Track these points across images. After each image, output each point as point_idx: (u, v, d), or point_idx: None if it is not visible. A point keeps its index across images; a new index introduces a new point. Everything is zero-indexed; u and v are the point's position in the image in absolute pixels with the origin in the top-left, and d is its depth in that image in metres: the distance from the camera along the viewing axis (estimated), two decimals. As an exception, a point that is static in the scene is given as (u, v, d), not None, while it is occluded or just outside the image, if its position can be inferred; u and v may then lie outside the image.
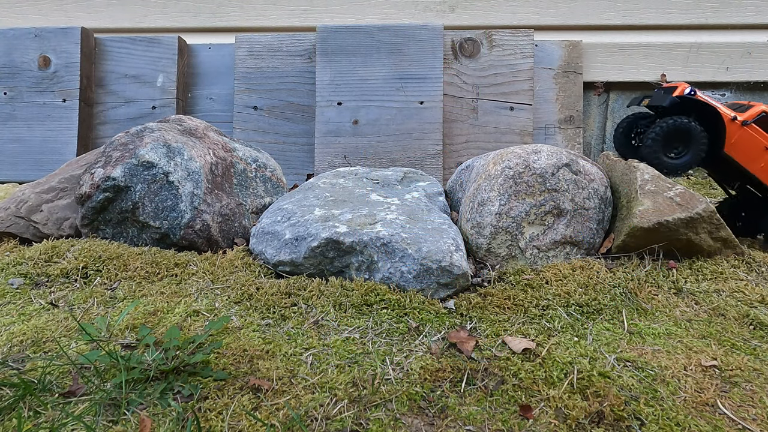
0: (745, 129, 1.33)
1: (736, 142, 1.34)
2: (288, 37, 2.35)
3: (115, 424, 0.77)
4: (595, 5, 2.40)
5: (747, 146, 1.34)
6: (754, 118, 1.33)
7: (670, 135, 1.34)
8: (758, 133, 1.33)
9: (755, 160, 1.34)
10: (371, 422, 0.80)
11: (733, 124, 1.33)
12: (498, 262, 1.33)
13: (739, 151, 1.35)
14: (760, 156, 1.34)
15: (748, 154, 1.34)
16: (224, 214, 1.48)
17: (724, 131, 1.33)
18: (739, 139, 1.34)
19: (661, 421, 0.80)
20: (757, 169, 1.35)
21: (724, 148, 1.34)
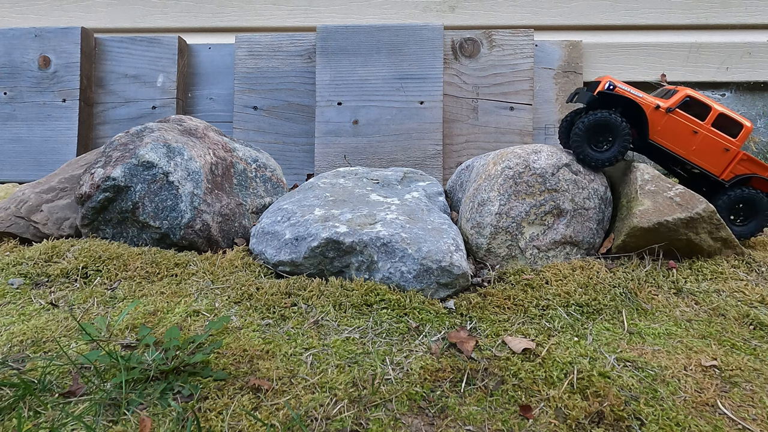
0: (671, 116, 1.35)
1: (662, 129, 1.36)
2: (288, 37, 2.35)
3: (115, 424, 0.77)
4: (595, 5, 2.40)
5: (674, 132, 1.36)
6: (677, 104, 1.35)
7: (592, 129, 1.36)
8: (684, 118, 1.35)
9: (684, 144, 1.37)
10: (371, 422, 0.80)
11: (656, 112, 1.35)
12: (498, 262, 1.33)
13: (667, 137, 1.37)
14: (688, 140, 1.36)
15: (676, 139, 1.37)
16: (224, 214, 1.48)
17: (646, 121, 1.36)
18: (665, 126, 1.36)
19: (661, 421, 0.80)
20: (687, 152, 1.37)
21: (649, 136, 1.37)
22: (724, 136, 1.35)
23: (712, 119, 1.35)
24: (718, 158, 1.37)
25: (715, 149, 1.36)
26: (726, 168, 1.37)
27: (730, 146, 1.35)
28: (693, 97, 1.36)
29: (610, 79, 1.39)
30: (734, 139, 1.35)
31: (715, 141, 1.36)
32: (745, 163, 1.37)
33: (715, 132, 1.36)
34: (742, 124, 1.35)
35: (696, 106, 1.36)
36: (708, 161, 1.37)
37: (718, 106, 1.35)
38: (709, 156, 1.37)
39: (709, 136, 1.36)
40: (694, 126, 1.35)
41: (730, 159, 1.37)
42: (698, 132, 1.35)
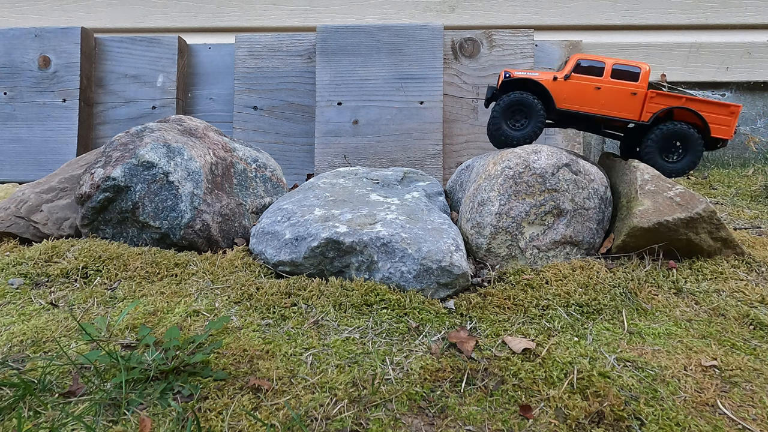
0: (570, 81, 1.40)
1: (567, 96, 1.41)
2: (288, 37, 2.35)
3: (115, 424, 0.77)
4: (595, 5, 2.40)
5: (578, 94, 1.40)
6: (571, 70, 1.40)
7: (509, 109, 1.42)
8: (583, 79, 1.40)
9: (592, 101, 1.41)
10: (371, 422, 0.80)
11: (556, 83, 1.40)
12: (498, 262, 1.33)
13: (574, 101, 1.41)
14: (594, 97, 1.40)
15: (583, 99, 1.41)
16: (224, 214, 1.48)
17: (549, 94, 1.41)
18: (568, 92, 1.41)
19: (661, 421, 0.80)
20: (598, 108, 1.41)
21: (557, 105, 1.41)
22: (627, 83, 1.39)
23: (609, 72, 1.40)
24: (629, 104, 1.40)
25: (622, 96, 1.39)
26: (641, 110, 1.40)
27: (636, 89, 1.39)
28: (585, 58, 1.41)
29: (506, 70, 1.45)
30: (637, 83, 1.39)
31: (619, 90, 1.39)
32: (657, 99, 1.39)
33: (616, 81, 1.39)
34: (639, 66, 1.39)
35: (590, 67, 1.41)
36: (620, 109, 1.41)
37: (610, 60, 1.40)
38: (619, 104, 1.40)
39: (612, 87, 1.39)
40: (595, 83, 1.40)
41: (641, 101, 1.39)
42: (601, 87, 1.40)
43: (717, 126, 1.37)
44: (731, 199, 2.00)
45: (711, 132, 1.37)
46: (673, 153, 1.40)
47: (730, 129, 1.37)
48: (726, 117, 1.36)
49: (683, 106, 1.37)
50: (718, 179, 2.24)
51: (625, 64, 1.39)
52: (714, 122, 1.37)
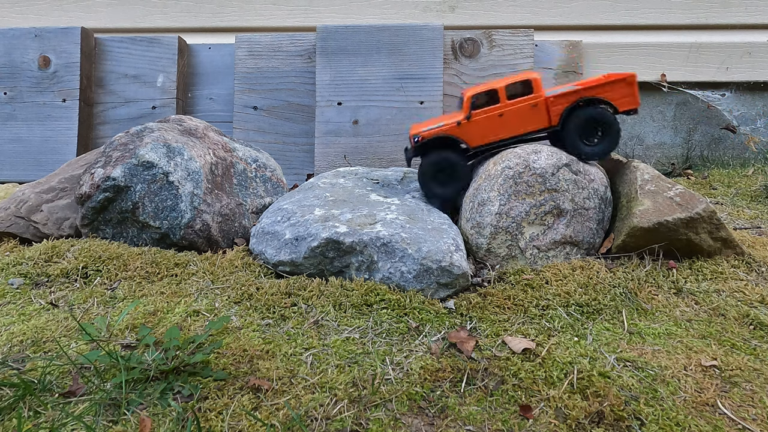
0: (473, 120, 1.42)
1: (477, 135, 1.43)
2: (288, 37, 2.35)
3: (115, 424, 0.77)
4: (595, 5, 2.40)
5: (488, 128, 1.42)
6: (470, 108, 1.41)
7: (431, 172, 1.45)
8: (484, 112, 1.41)
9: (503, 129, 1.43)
10: (371, 422, 0.80)
11: (461, 127, 1.42)
12: (498, 262, 1.33)
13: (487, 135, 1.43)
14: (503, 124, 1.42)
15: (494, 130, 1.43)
16: (224, 214, 1.48)
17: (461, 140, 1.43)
18: (477, 130, 1.42)
19: (661, 421, 0.80)
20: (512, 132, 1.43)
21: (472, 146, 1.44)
22: (524, 98, 1.41)
23: (504, 95, 1.41)
24: (535, 116, 1.42)
25: (526, 112, 1.41)
26: (548, 116, 1.42)
27: (534, 101, 1.41)
28: (476, 93, 1.42)
29: (413, 133, 1.46)
30: (532, 94, 1.41)
31: (520, 108, 1.41)
32: (557, 100, 1.41)
33: (515, 101, 1.41)
34: (528, 78, 1.41)
35: (485, 97, 1.42)
36: (530, 124, 1.43)
37: (501, 83, 1.42)
38: (527, 120, 1.42)
39: (513, 108, 1.41)
40: (496, 111, 1.41)
41: (545, 108, 1.41)
42: (503, 112, 1.41)
43: (622, 100, 1.40)
44: (731, 199, 2.00)
45: (619, 108, 1.40)
46: (594, 136, 1.42)
47: (634, 97, 1.40)
48: (626, 89, 1.40)
49: (583, 97, 1.40)
50: (718, 179, 2.24)
51: (515, 81, 1.41)
52: (617, 98, 1.40)
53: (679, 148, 2.55)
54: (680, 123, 2.53)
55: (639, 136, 2.55)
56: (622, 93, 1.39)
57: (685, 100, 2.50)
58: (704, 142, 2.54)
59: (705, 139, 2.54)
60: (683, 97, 2.48)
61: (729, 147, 2.53)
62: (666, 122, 2.53)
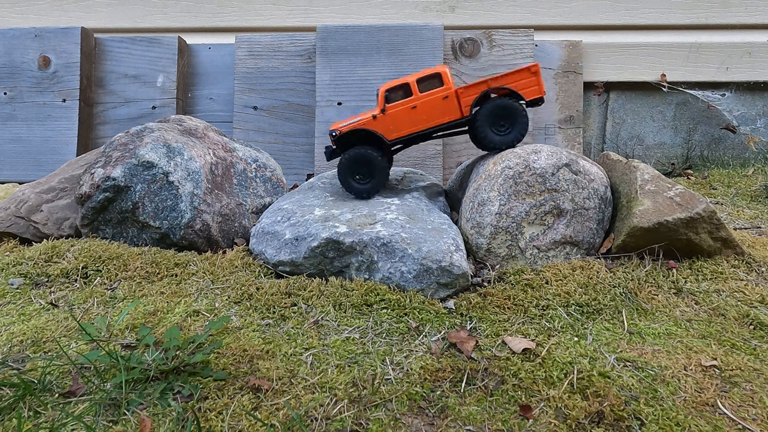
0: (388, 114, 1.44)
1: (394, 127, 1.46)
2: (288, 37, 2.35)
3: (115, 424, 0.77)
4: (595, 5, 2.40)
5: (402, 120, 1.45)
6: (384, 101, 1.45)
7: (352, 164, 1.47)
8: (397, 106, 1.44)
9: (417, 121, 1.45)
10: (371, 422, 0.80)
11: (377, 120, 1.45)
12: (498, 262, 1.33)
13: (402, 128, 1.46)
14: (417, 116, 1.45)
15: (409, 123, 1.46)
16: (224, 214, 1.48)
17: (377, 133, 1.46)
18: (392, 123, 1.45)
19: (661, 421, 0.80)
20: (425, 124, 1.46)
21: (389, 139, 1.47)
22: (434, 90, 1.44)
23: (416, 88, 1.44)
24: (447, 108, 1.44)
25: (438, 104, 1.44)
26: (460, 108, 1.45)
27: (445, 92, 1.43)
28: (390, 87, 1.45)
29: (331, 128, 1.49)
30: (442, 87, 1.43)
31: (432, 100, 1.44)
32: (467, 92, 1.44)
33: (426, 94, 1.44)
34: (438, 71, 1.43)
35: (398, 91, 1.45)
36: (444, 116, 1.45)
37: (412, 77, 1.44)
38: (437, 112, 1.45)
39: (425, 100, 1.44)
40: (409, 104, 1.44)
41: (455, 100, 1.44)
42: (416, 105, 1.44)
43: (527, 90, 1.43)
44: (731, 199, 2.00)
45: (526, 98, 1.44)
46: (503, 126, 1.44)
47: (539, 87, 1.43)
48: (531, 79, 1.42)
49: (491, 87, 1.43)
50: (718, 179, 2.24)
51: (425, 74, 1.44)
52: (523, 88, 1.43)
53: (679, 148, 2.55)
54: (680, 123, 2.53)
55: (639, 136, 2.55)
56: (528, 83, 1.43)
57: (685, 100, 2.50)
58: (704, 142, 2.54)
59: (705, 139, 2.54)
60: (683, 97, 2.48)
61: (729, 147, 2.53)
62: (666, 122, 2.53)
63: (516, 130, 1.44)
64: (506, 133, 1.44)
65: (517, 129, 1.44)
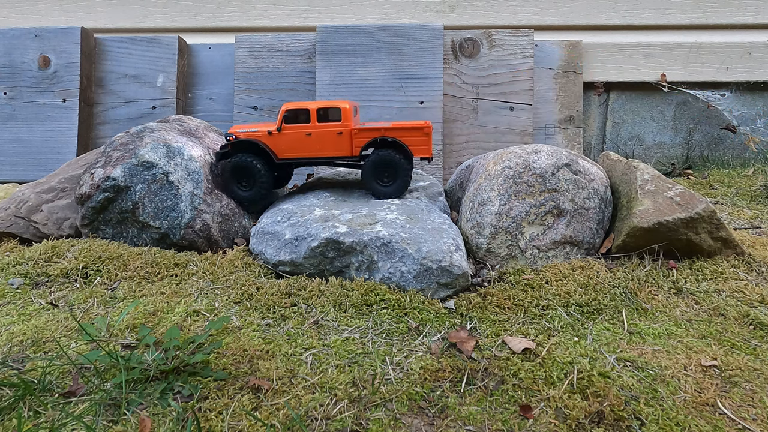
0: (283, 133, 1.47)
1: (285, 147, 1.48)
2: (288, 37, 2.35)
3: (115, 424, 0.77)
4: (595, 5, 2.40)
5: (294, 144, 1.48)
6: (281, 121, 1.47)
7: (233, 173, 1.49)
8: (293, 128, 1.47)
9: (307, 148, 1.48)
10: (371, 422, 0.80)
11: (272, 137, 1.47)
12: (498, 262, 1.33)
13: (291, 151, 1.49)
14: (308, 143, 1.47)
15: (298, 148, 1.48)
16: (224, 214, 1.48)
17: (270, 148, 1.48)
18: (284, 143, 1.48)
19: (661, 421, 0.80)
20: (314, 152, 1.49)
21: (279, 157, 1.49)
22: (332, 123, 1.46)
23: (315, 117, 1.46)
24: (339, 143, 1.47)
25: (331, 138, 1.47)
26: (350, 146, 1.47)
27: (341, 129, 1.46)
28: (291, 109, 1.46)
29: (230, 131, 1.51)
30: (340, 122, 1.45)
31: (326, 132, 1.46)
32: (360, 135, 1.47)
33: (323, 125, 1.46)
34: (339, 107, 1.45)
35: (298, 114, 1.47)
36: (333, 150, 1.48)
37: (314, 105, 1.46)
38: (331, 145, 1.47)
39: (320, 131, 1.46)
40: (305, 129, 1.46)
41: (348, 138, 1.46)
42: (311, 132, 1.46)
43: (416, 147, 1.46)
44: (731, 199, 2.00)
45: (414, 154, 1.46)
46: (386, 177, 1.48)
47: (428, 147, 1.46)
48: (421, 138, 1.45)
49: (384, 135, 1.46)
50: (718, 179, 2.24)
51: (327, 106, 1.46)
52: (413, 144, 1.46)
53: (679, 148, 2.55)
54: (680, 123, 2.53)
55: (639, 136, 2.55)
56: (419, 141, 1.45)
57: (685, 100, 2.50)
58: (704, 142, 2.54)
59: (705, 139, 2.54)
60: (683, 97, 2.48)
61: (729, 147, 2.53)
62: (666, 122, 2.53)
63: (397, 182, 1.47)
64: (388, 184, 1.48)
65: (399, 182, 1.47)
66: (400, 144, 1.45)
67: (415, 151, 1.45)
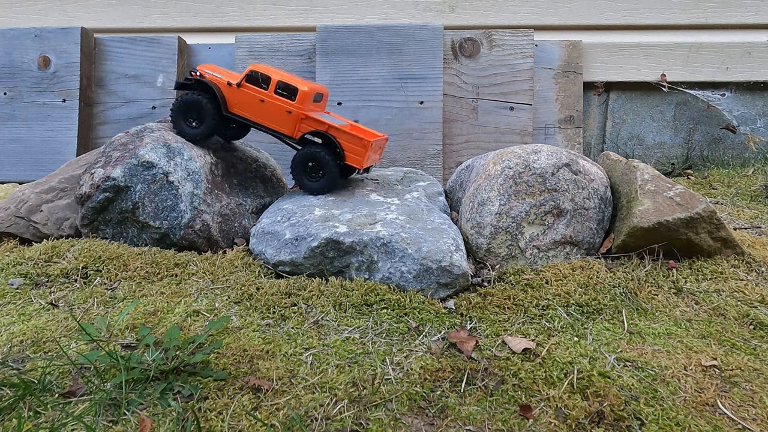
0: (241, 89, 1.49)
1: (237, 102, 1.50)
2: (288, 37, 2.35)
3: (115, 424, 0.77)
4: (595, 5, 2.40)
5: (246, 103, 1.50)
6: (243, 78, 1.48)
7: (184, 108, 1.52)
8: (252, 89, 1.48)
9: (256, 112, 1.50)
10: (371, 422, 0.80)
11: (229, 88, 1.50)
12: (498, 262, 1.33)
13: (241, 108, 1.51)
14: (258, 108, 1.49)
15: (248, 108, 1.50)
16: (224, 214, 1.48)
17: (224, 97, 1.51)
18: (238, 99, 1.50)
19: (661, 421, 0.80)
20: (260, 118, 1.50)
21: (228, 109, 1.51)
22: (285, 100, 1.47)
23: (273, 87, 1.47)
24: (285, 120, 1.49)
25: (280, 113, 1.48)
26: (295, 128, 1.49)
27: (292, 108, 1.46)
28: (256, 70, 1.48)
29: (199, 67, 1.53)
30: (294, 102, 1.46)
31: (278, 105, 1.47)
32: (306, 122, 1.48)
33: (277, 98, 1.47)
34: (298, 88, 1.45)
35: (260, 78, 1.48)
36: (277, 124, 1.50)
37: (277, 75, 1.47)
38: (277, 119, 1.49)
39: (273, 102, 1.47)
40: (261, 95, 1.48)
41: (295, 120, 1.48)
42: (265, 100, 1.48)
43: (351, 155, 1.47)
44: (731, 199, 2.00)
45: (345, 159, 1.47)
46: (315, 172, 1.50)
47: (362, 159, 1.47)
48: (359, 148, 1.46)
49: (326, 132, 1.47)
50: (718, 179, 2.24)
51: (288, 81, 1.46)
52: (349, 151, 1.47)
53: (679, 148, 2.55)
54: (680, 123, 2.53)
55: (639, 136, 2.55)
56: (356, 150, 1.46)
57: (685, 100, 2.50)
58: (704, 142, 2.54)
59: (705, 139, 2.54)
60: (683, 97, 2.48)
61: (729, 147, 2.53)
62: (666, 122, 2.53)
63: (326, 179, 1.49)
64: (316, 180, 1.50)
65: (327, 178, 1.49)
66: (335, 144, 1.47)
67: (348, 157, 1.47)
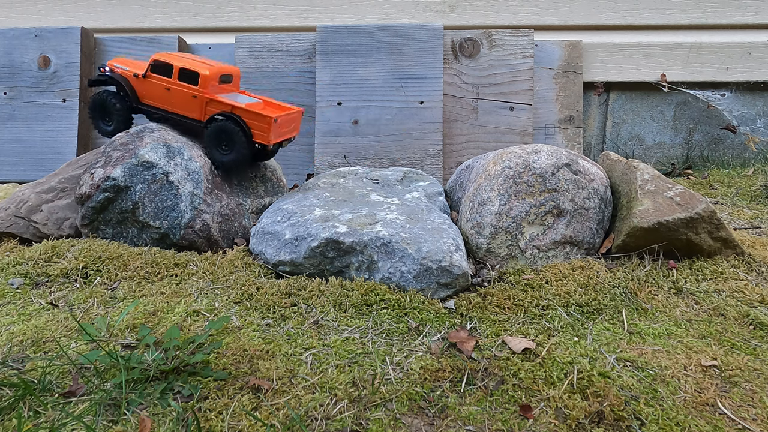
0: (147, 80, 1.51)
1: (146, 93, 1.53)
2: (288, 37, 2.35)
3: (115, 424, 0.77)
4: (595, 5, 2.40)
5: (154, 92, 1.52)
6: (148, 69, 1.50)
7: (97, 108, 1.56)
8: (157, 79, 1.51)
9: (165, 100, 1.52)
10: (371, 422, 0.80)
11: (137, 80, 1.52)
12: (498, 262, 1.33)
13: (151, 98, 1.53)
14: (166, 96, 1.52)
15: (157, 98, 1.53)
16: (224, 214, 1.48)
17: (133, 90, 1.53)
18: (147, 89, 1.52)
19: (661, 421, 0.80)
20: (170, 106, 1.53)
21: (140, 101, 1.54)
22: (189, 85, 1.48)
23: (176, 74, 1.49)
24: (192, 105, 1.50)
25: (186, 99, 1.50)
26: (202, 112, 1.51)
27: (196, 93, 1.48)
28: (158, 60, 1.49)
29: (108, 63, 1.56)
30: (197, 87, 1.47)
31: (183, 92, 1.49)
32: (212, 105, 1.50)
33: (182, 84, 1.49)
34: (199, 72, 1.47)
35: (163, 67, 1.50)
36: (185, 110, 1.52)
37: (178, 62, 1.49)
38: (184, 105, 1.51)
39: (178, 89, 1.49)
40: (166, 83, 1.50)
41: (202, 104, 1.49)
42: (170, 88, 1.50)
43: (257, 132, 1.48)
44: (731, 199, 2.00)
45: (253, 137, 1.49)
46: (224, 146, 1.51)
47: (267, 135, 1.48)
48: (263, 125, 1.47)
49: (231, 112, 1.48)
50: (718, 179, 2.24)
51: (189, 68, 1.48)
52: (254, 129, 1.48)
53: (679, 148, 2.55)
54: (680, 123, 2.53)
55: (639, 136, 2.55)
56: (260, 127, 1.47)
57: (685, 100, 2.50)
58: (704, 142, 2.54)
59: (705, 139, 2.54)
60: (683, 97, 2.48)
61: (729, 147, 2.53)
62: (666, 122, 2.53)
63: (234, 152, 1.49)
64: (227, 153, 1.51)
65: (235, 152, 1.49)
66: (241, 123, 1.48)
67: (255, 135, 1.48)
